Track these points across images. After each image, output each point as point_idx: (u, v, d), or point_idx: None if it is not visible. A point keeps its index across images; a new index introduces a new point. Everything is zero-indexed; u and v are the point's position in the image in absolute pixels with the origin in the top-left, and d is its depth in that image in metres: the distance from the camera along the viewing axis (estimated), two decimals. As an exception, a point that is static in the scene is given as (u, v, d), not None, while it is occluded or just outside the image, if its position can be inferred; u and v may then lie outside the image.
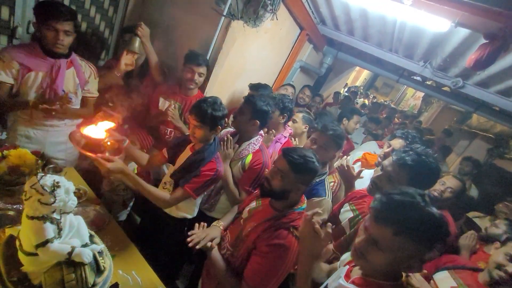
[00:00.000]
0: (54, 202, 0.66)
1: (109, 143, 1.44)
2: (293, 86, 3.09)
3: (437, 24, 2.04)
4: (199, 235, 1.32)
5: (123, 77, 2.29)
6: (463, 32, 2.20)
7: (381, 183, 1.37)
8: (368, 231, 0.84)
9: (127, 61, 1.93)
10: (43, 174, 0.67)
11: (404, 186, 1.02)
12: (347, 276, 0.93)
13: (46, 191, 0.66)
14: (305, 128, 2.42)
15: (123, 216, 2.10)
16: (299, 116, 2.41)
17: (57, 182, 0.67)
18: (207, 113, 1.47)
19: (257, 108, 1.69)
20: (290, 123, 2.33)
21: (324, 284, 0.98)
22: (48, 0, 1.61)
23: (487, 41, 1.81)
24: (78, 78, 1.75)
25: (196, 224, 1.37)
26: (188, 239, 1.29)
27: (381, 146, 3.32)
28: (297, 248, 1.16)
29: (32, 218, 0.67)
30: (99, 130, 1.41)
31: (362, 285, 0.86)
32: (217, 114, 1.50)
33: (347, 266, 0.99)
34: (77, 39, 1.71)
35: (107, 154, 1.38)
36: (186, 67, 2.02)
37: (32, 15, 1.94)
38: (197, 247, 1.27)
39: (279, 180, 1.23)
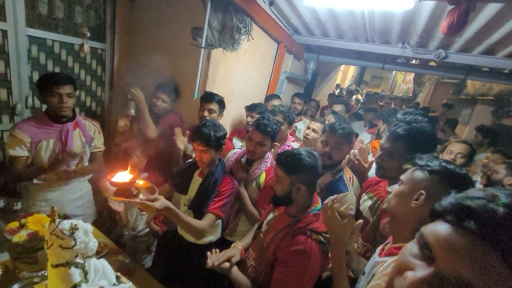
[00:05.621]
0: (75, 244, 0.67)
1: (141, 183, 1.37)
2: (278, 97, 3.15)
3: (402, 3, 2.13)
4: (217, 256, 1.30)
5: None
6: (429, 4, 2.28)
7: (383, 162, 1.37)
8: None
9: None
10: (60, 220, 0.69)
11: (404, 157, 1.02)
12: (380, 254, 0.93)
13: (66, 234, 0.66)
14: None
15: (148, 262, 2.05)
16: (317, 125, 2.23)
17: (75, 225, 0.68)
18: (210, 136, 1.52)
19: (272, 134, 1.75)
20: (309, 131, 2.24)
21: (363, 272, 0.96)
22: (47, 73, 1.80)
23: (453, 6, 1.87)
24: (84, 137, 1.86)
25: (208, 253, 1.33)
26: (208, 261, 1.26)
27: (371, 133, 3.37)
28: (318, 250, 1.11)
29: (56, 266, 0.67)
30: (124, 175, 1.33)
31: (394, 253, 0.86)
32: (219, 134, 1.56)
33: (380, 247, 0.98)
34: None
35: (141, 195, 1.31)
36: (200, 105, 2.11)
37: (28, 90, 2.08)
38: (216, 263, 1.24)
39: (278, 185, 1.23)
